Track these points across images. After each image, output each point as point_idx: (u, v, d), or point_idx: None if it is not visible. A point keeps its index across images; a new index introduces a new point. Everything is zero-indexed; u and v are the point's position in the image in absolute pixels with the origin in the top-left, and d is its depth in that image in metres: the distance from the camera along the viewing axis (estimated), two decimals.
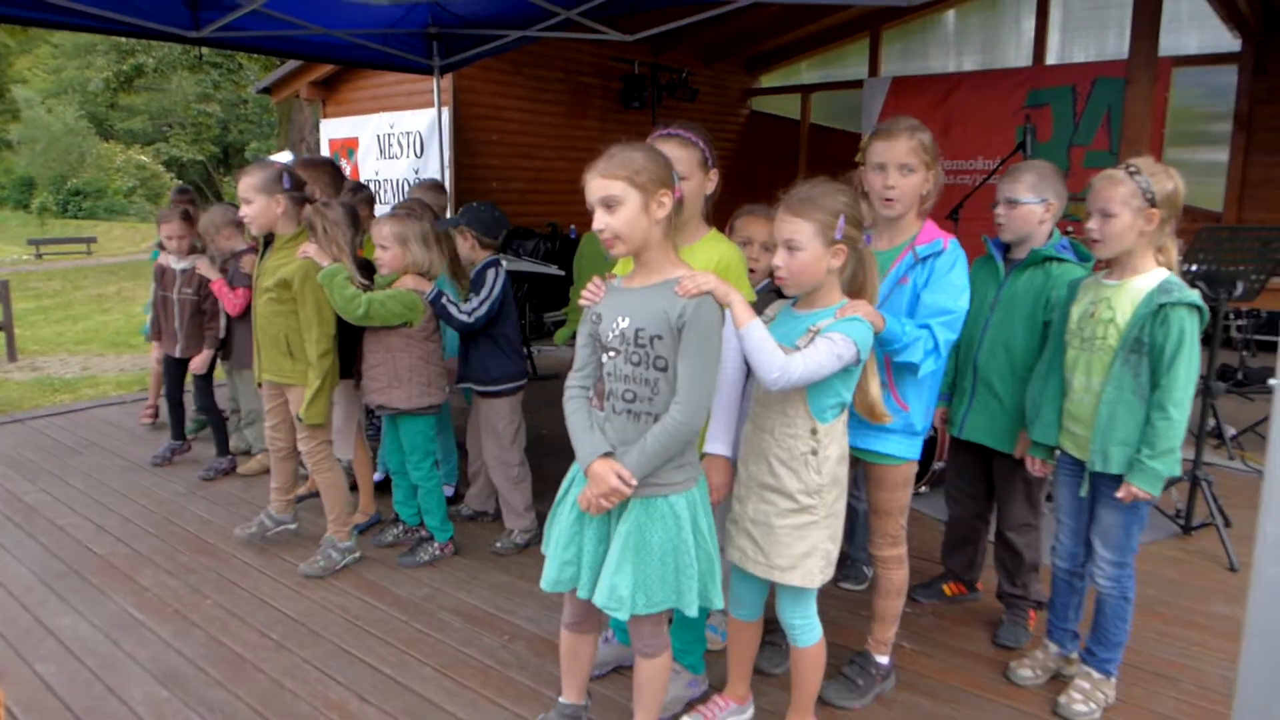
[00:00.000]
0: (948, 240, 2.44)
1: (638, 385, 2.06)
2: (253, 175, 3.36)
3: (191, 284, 4.59)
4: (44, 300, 14.40)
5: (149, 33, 5.67)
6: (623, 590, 2.06)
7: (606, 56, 9.21)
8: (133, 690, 2.77)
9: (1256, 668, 1.00)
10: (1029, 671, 2.77)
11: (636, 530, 2.07)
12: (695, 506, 2.13)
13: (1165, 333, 2.32)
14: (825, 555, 2.23)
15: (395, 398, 3.48)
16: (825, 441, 2.17)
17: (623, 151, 2.03)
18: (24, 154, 31.09)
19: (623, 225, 2.01)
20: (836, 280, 2.19)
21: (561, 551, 2.20)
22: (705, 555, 2.14)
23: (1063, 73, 9.08)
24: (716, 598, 2.17)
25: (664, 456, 2.03)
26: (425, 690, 2.76)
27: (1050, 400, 2.64)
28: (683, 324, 1.99)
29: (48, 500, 4.40)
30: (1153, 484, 2.36)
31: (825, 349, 2.06)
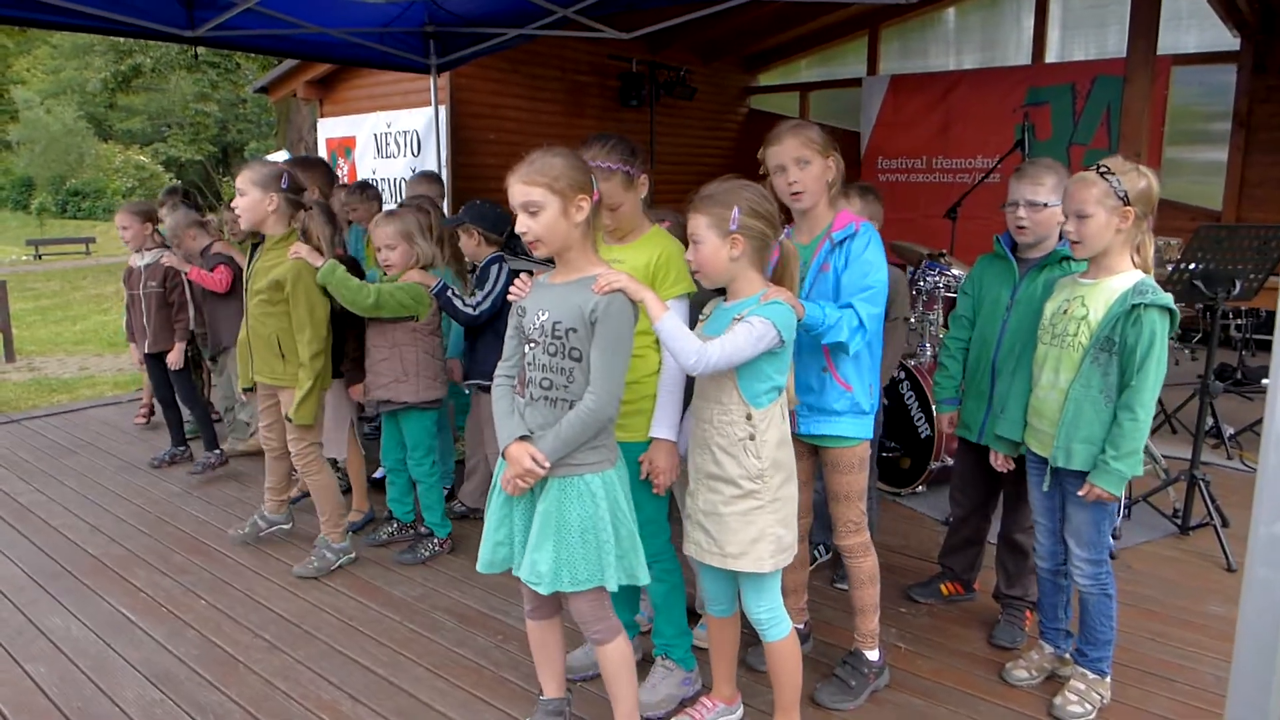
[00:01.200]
0: (859, 224, 2.48)
1: (554, 374, 2.18)
2: (253, 170, 3.37)
3: (156, 277, 4.61)
4: (42, 301, 14.39)
5: (144, 32, 5.64)
6: (542, 566, 2.16)
7: (604, 55, 9.19)
8: (124, 691, 2.76)
9: (1249, 669, 0.98)
10: (1024, 672, 2.76)
11: (556, 509, 2.17)
12: (613, 485, 2.21)
13: (1137, 334, 2.32)
14: (775, 540, 2.25)
15: (403, 392, 3.48)
16: (762, 426, 2.21)
17: (543, 158, 2.14)
18: (23, 155, 31.06)
19: (543, 229, 2.12)
20: (750, 270, 2.24)
21: (493, 533, 2.31)
22: (627, 533, 2.23)
23: (1062, 71, 9.07)
24: (642, 574, 2.26)
25: (577, 440, 2.14)
26: (417, 691, 2.75)
27: (1017, 396, 2.66)
28: (595, 318, 2.11)
29: (42, 500, 4.39)
30: (1116, 485, 2.38)
31: (743, 332, 2.12)
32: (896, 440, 4.32)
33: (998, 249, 2.92)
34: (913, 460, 4.30)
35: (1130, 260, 2.43)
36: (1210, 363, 3.91)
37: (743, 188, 2.22)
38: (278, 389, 3.53)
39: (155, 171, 30.65)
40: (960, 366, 3.02)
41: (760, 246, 2.22)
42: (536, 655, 2.46)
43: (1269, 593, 0.97)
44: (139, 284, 4.67)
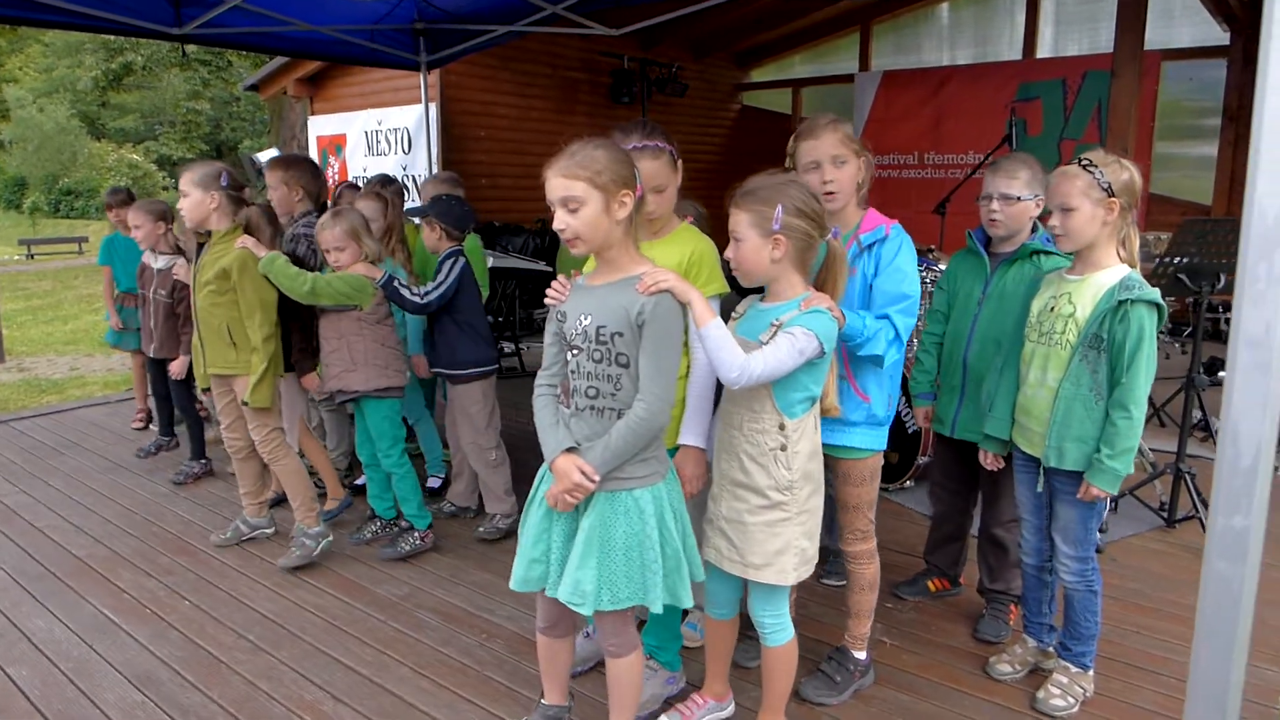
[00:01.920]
0: (890, 226, 2.43)
1: (600, 381, 2.06)
2: (193, 171, 3.43)
3: (165, 285, 4.57)
4: (34, 301, 14.35)
5: (131, 29, 5.61)
6: (586, 585, 2.05)
7: (595, 51, 9.18)
8: (106, 694, 2.74)
9: (1207, 664, 0.98)
10: (1008, 666, 2.76)
11: (601, 524, 2.06)
12: (662, 501, 2.11)
13: (1125, 330, 2.30)
14: (800, 553, 2.21)
15: (353, 380, 3.50)
16: (795, 437, 2.15)
17: (584, 150, 1.99)
18: (16, 154, 30.99)
19: (584, 226, 1.99)
20: (792, 272, 2.17)
21: (530, 549, 2.18)
22: (673, 552, 2.11)
23: (1053, 66, 9.07)
24: (685, 596, 2.14)
25: (628, 452, 2.03)
26: (401, 691, 2.74)
27: (1005, 394, 2.64)
28: (642, 321, 1.99)
29: (28, 502, 4.38)
30: (1112, 483, 2.36)
31: (786, 344, 2.04)
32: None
33: (970, 243, 2.92)
34: (901, 455, 4.30)
35: (1116, 255, 2.42)
36: (1196, 356, 3.91)
37: (788, 184, 2.12)
38: (231, 379, 3.56)
39: (148, 170, 30.61)
40: (936, 361, 3.02)
41: (804, 248, 2.13)
42: (544, 666, 2.40)
43: (1227, 586, 0.97)
44: (150, 285, 4.65)
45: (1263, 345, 0.92)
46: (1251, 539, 0.98)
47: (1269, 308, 0.91)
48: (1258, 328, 0.92)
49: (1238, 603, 0.96)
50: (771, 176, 2.15)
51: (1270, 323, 0.91)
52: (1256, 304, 0.92)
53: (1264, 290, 0.91)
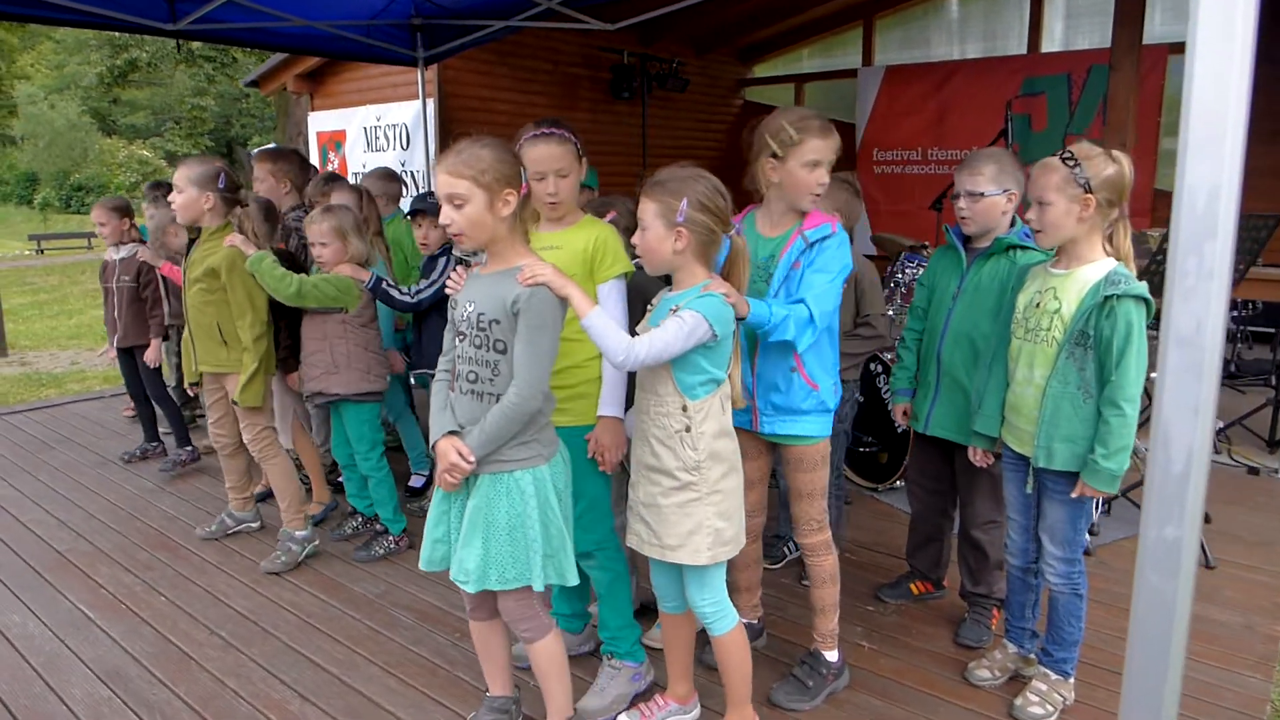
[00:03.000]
0: (835, 224, 2.42)
1: (480, 367, 2.14)
2: (190, 168, 3.40)
3: (129, 271, 4.57)
4: (40, 295, 14.41)
5: (125, 25, 5.59)
6: (469, 563, 2.13)
7: (595, 47, 9.12)
8: (73, 689, 2.73)
9: (1140, 679, 0.93)
10: (987, 672, 2.70)
11: (485, 505, 2.13)
12: (544, 483, 2.16)
13: (1112, 326, 2.24)
14: (713, 532, 2.21)
15: (333, 384, 3.46)
16: (698, 418, 2.16)
17: (470, 148, 2.05)
18: (27, 150, 31.18)
19: (467, 223, 2.07)
20: (694, 263, 2.18)
21: (432, 530, 2.26)
22: (557, 531, 2.18)
23: (1058, 60, 8.97)
24: (571, 574, 2.22)
25: (503, 435, 2.10)
26: (369, 689, 2.71)
27: (994, 391, 2.58)
28: (517, 310, 2.06)
29: (14, 496, 4.37)
30: (1108, 483, 2.29)
31: (673, 326, 2.07)
32: (873, 435, 4.27)
33: (949, 239, 2.87)
34: (889, 455, 4.24)
35: (1102, 249, 2.36)
36: None
37: (696, 179, 2.15)
38: (222, 377, 3.54)
39: (158, 166, 30.71)
40: (915, 357, 2.97)
41: (706, 241, 2.17)
42: (480, 655, 2.45)
43: (1159, 599, 0.92)
44: (113, 278, 4.65)
45: (1194, 344, 0.86)
46: (1184, 550, 0.93)
47: (1200, 303, 0.85)
48: (1188, 325, 0.86)
49: (1171, 618, 0.91)
50: (682, 169, 2.19)
51: (1201, 320, 0.85)
52: (1187, 299, 0.86)
53: (1194, 285, 0.85)
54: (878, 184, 9.82)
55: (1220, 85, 0.80)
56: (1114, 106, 4.81)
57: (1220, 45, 0.79)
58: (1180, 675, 0.95)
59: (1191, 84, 0.81)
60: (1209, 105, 0.80)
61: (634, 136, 9.72)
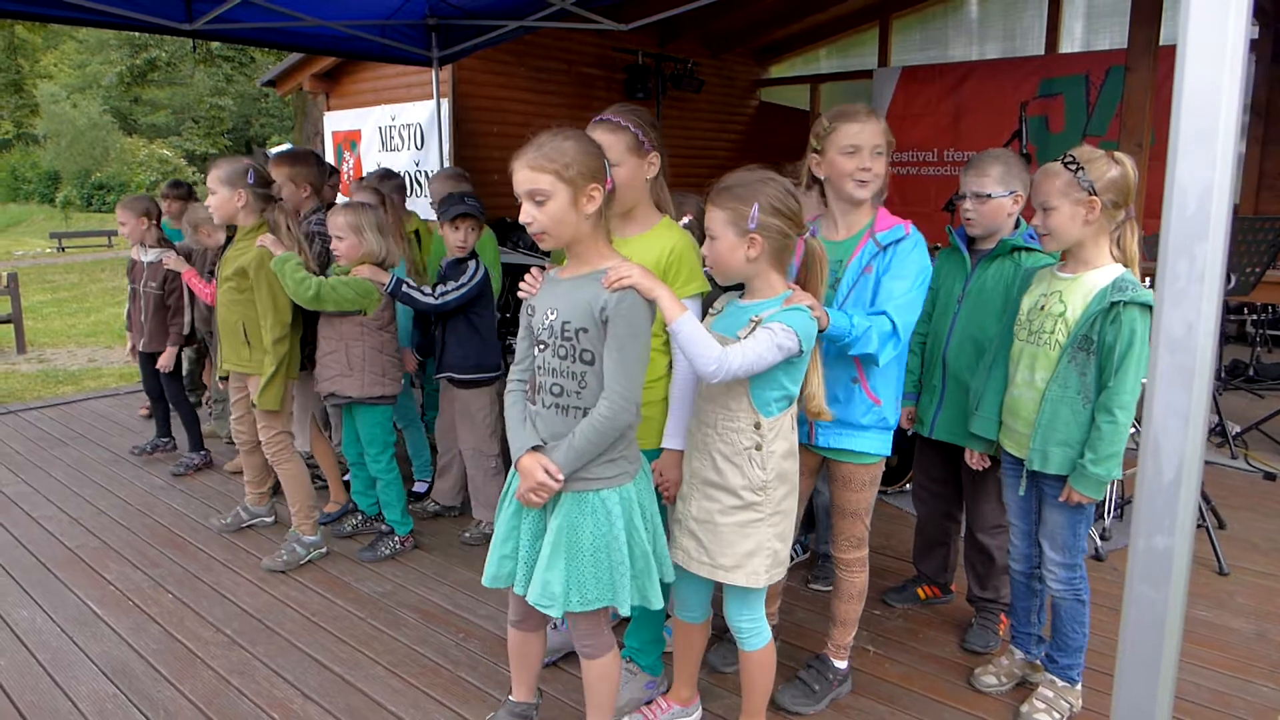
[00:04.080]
0: (909, 226, 2.36)
1: (564, 379, 2.02)
2: (220, 168, 3.41)
3: (156, 277, 4.59)
4: (60, 293, 14.56)
5: (143, 25, 5.63)
6: (555, 586, 2.02)
7: (609, 47, 9.11)
8: (79, 686, 2.74)
9: (1131, 693, 0.90)
10: (993, 678, 2.67)
11: (568, 526, 2.02)
12: (630, 502, 2.06)
13: (1116, 332, 2.22)
14: (772, 554, 2.15)
15: (347, 386, 3.46)
16: (770, 436, 2.09)
17: (552, 141, 1.94)
18: (49, 148, 31.54)
19: (550, 220, 1.95)
20: (769, 270, 2.10)
21: (500, 546, 2.17)
22: (641, 553, 2.08)
23: (1076, 61, 8.88)
24: (655, 598, 2.11)
25: (592, 451, 1.98)
26: (371, 689, 2.71)
27: (993, 392, 2.56)
28: (606, 317, 1.93)
29: (27, 492, 4.41)
30: (1095, 489, 2.28)
31: (765, 339, 1.98)
32: None
33: (953, 241, 2.84)
34: (899, 458, 4.20)
35: (1109, 253, 2.33)
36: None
37: (765, 182, 2.06)
38: (245, 377, 3.55)
39: (178, 165, 31.00)
40: (920, 360, 2.94)
41: (780, 247, 2.07)
42: (514, 662, 2.38)
43: (1150, 610, 0.89)
44: (141, 279, 4.67)
45: (1185, 348, 0.84)
46: (1176, 560, 0.90)
47: (1190, 307, 0.83)
48: (1179, 328, 0.84)
49: (1162, 629, 0.89)
50: (749, 173, 2.09)
51: (1192, 323, 0.83)
52: (1177, 303, 0.84)
53: (1184, 287, 0.83)
54: (894, 185, 9.62)
55: (1212, 82, 0.78)
56: (1130, 108, 4.75)
57: (1212, 40, 0.77)
58: (1173, 688, 0.93)
59: (1183, 81, 0.79)
60: (1200, 102, 0.78)
61: None
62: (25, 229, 27.50)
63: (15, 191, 33.31)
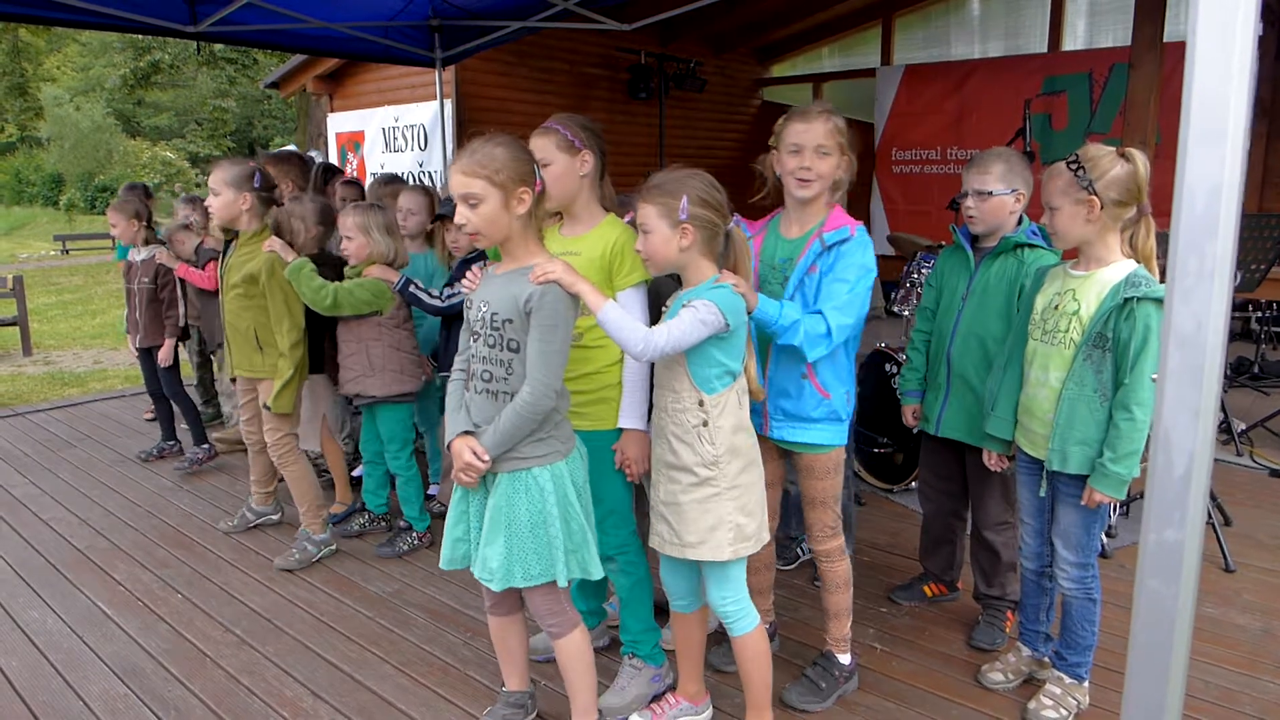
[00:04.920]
0: (855, 227, 2.37)
1: (493, 366, 2.16)
2: (225, 170, 3.42)
3: (149, 273, 4.64)
4: (65, 295, 14.61)
5: (147, 28, 5.65)
6: (493, 562, 2.15)
7: (612, 47, 9.12)
8: (91, 686, 2.75)
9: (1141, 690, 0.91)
10: (1000, 675, 2.68)
11: (505, 504, 2.15)
12: (563, 478, 2.18)
13: (1130, 328, 2.21)
14: (735, 528, 2.20)
15: (370, 386, 3.49)
16: (715, 412, 2.16)
17: (484, 147, 2.07)
18: (53, 151, 31.60)
19: (483, 222, 2.08)
20: (700, 259, 2.19)
21: (452, 529, 2.29)
22: (578, 527, 2.21)
23: (1079, 59, 8.87)
24: (595, 568, 2.25)
25: (517, 434, 2.11)
26: (381, 688, 2.72)
27: (1008, 393, 2.55)
28: (530, 309, 2.07)
29: (35, 494, 4.43)
30: (1116, 488, 2.26)
31: (687, 315, 2.07)
32: (888, 435, 4.24)
33: (956, 239, 2.85)
34: (905, 455, 4.21)
35: (1120, 250, 2.33)
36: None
37: (691, 176, 2.18)
38: (256, 381, 3.56)
39: (182, 167, 31.06)
40: (924, 359, 2.95)
41: (710, 236, 2.18)
42: (498, 650, 2.47)
43: (1160, 605, 0.90)
44: (135, 278, 4.71)
45: (1194, 345, 0.85)
46: (1186, 554, 0.91)
47: (1200, 304, 0.84)
48: (1189, 325, 0.85)
49: (1172, 624, 0.89)
50: (675, 171, 2.21)
51: (1202, 320, 0.84)
52: (1187, 299, 0.84)
53: (1194, 285, 0.84)
54: (896, 184, 9.77)
55: (1221, 77, 0.78)
56: (1134, 105, 4.75)
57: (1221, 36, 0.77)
58: (1183, 684, 0.93)
59: (1192, 76, 0.80)
60: (1209, 98, 0.79)
61: (651, 137, 9.72)
62: (29, 232, 27.56)
63: (19, 194, 33.39)
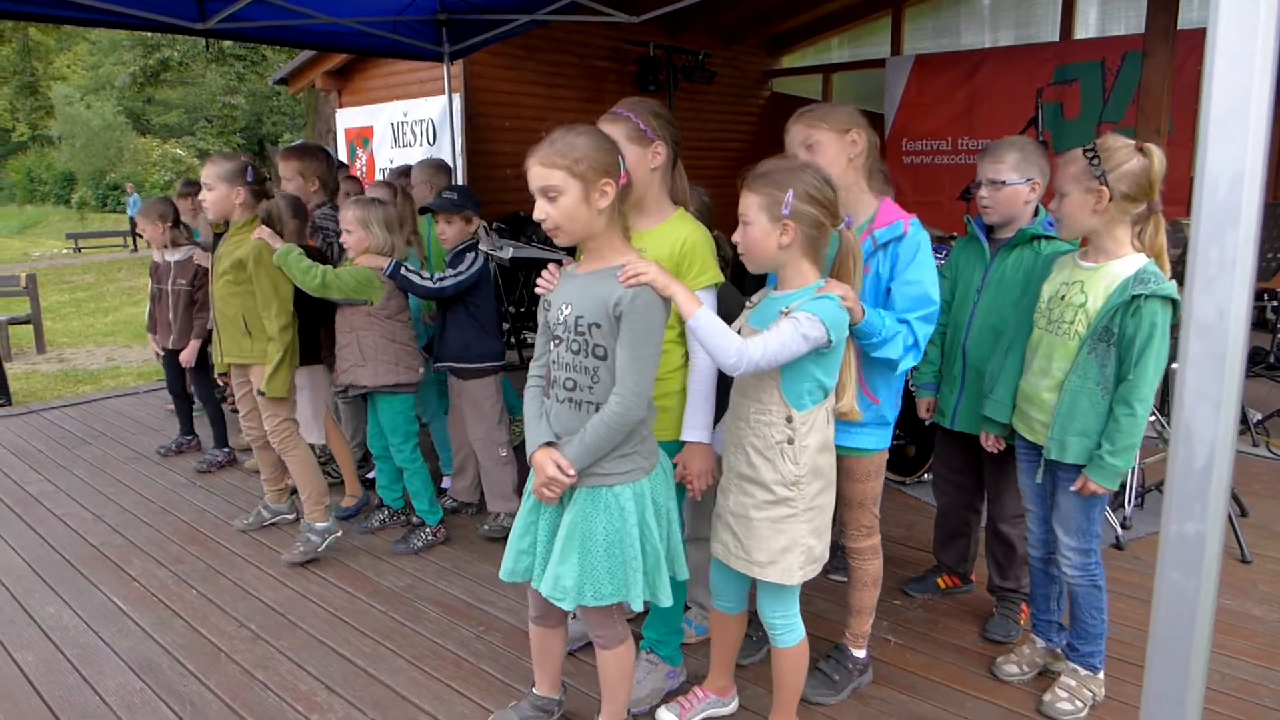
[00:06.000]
0: (908, 222, 2.31)
1: (578, 374, 2.03)
2: (217, 164, 3.46)
3: (185, 275, 4.62)
4: (77, 293, 14.69)
5: (156, 25, 5.67)
6: (566, 581, 2.04)
7: (621, 39, 9.10)
8: (107, 681, 2.77)
9: (1162, 682, 0.90)
10: (1015, 667, 2.67)
11: (582, 521, 2.04)
12: (644, 498, 2.07)
13: (1136, 324, 2.21)
14: (806, 551, 2.13)
15: (362, 376, 3.51)
16: (803, 430, 2.06)
17: (564, 137, 1.95)
18: (64, 150, 31.77)
19: (563, 216, 1.95)
20: (801, 259, 2.08)
21: (518, 541, 2.19)
22: (653, 549, 2.09)
23: (1092, 47, 8.80)
24: (665, 595, 2.12)
25: (603, 447, 1.99)
26: (395, 682, 2.73)
27: (1008, 377, 2.56)
28: (620, 313, 1.94)
29: (50, 490, 4.45)
30: (1110, 479, 2.28)
31: (789, 328, 1.96)
32: (901, 427, 4.21)
33: (970, 230, 2.83)
34: (918, 448, 4.19)
35: (1130, 244, 2.30)
36: None
37: (801, 169, 2.05)
38: (248, 368, 3.59)
39: (192, 164, 31.14)
40: (939, 351, 2.93)
41: (815, 235, 2.05)
42: (536, 655, 2.40)
43: (1181, 597, 0.89)
44: (168, 279, 4.71)
45: (1215, 334, 0.83)
46: (1208, 546, 0.90)
47: (1222, 293, 0.83)
48: (1210, 315, 0.83)
49: (1193, 616, 0.88)
50: (785, 160, 2.10)
51: (1224, 310, 0.82)
52: (1208, 290, 0.83)
53: (1216, 275, 0.82)
54: (907, 174, 9.71)
55: (1243, 62, 0.77)
56: (1147, 94, 4.70)
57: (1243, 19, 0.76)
58: (1204, 675, 0.92)
59: (1213, 61, 0.78)
60: (1230, 84, 0.77)
61: None
62: (42, 230, 27.74)
63: (31, 193, 33.62)
